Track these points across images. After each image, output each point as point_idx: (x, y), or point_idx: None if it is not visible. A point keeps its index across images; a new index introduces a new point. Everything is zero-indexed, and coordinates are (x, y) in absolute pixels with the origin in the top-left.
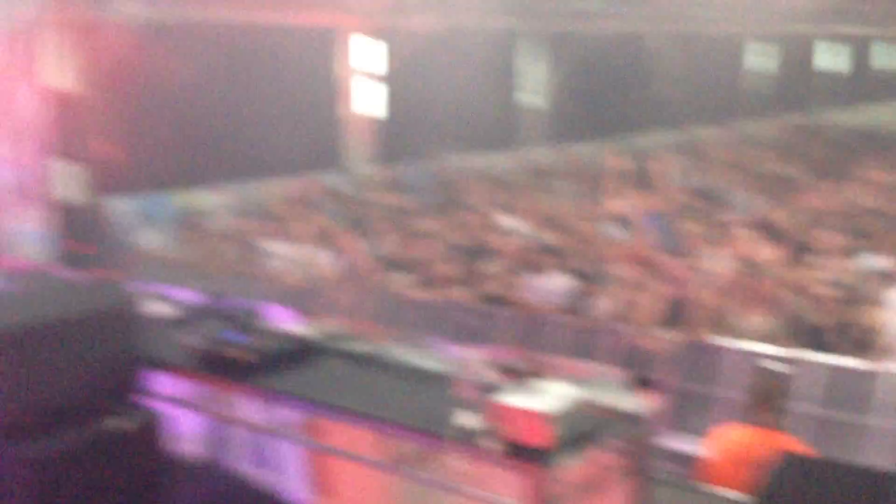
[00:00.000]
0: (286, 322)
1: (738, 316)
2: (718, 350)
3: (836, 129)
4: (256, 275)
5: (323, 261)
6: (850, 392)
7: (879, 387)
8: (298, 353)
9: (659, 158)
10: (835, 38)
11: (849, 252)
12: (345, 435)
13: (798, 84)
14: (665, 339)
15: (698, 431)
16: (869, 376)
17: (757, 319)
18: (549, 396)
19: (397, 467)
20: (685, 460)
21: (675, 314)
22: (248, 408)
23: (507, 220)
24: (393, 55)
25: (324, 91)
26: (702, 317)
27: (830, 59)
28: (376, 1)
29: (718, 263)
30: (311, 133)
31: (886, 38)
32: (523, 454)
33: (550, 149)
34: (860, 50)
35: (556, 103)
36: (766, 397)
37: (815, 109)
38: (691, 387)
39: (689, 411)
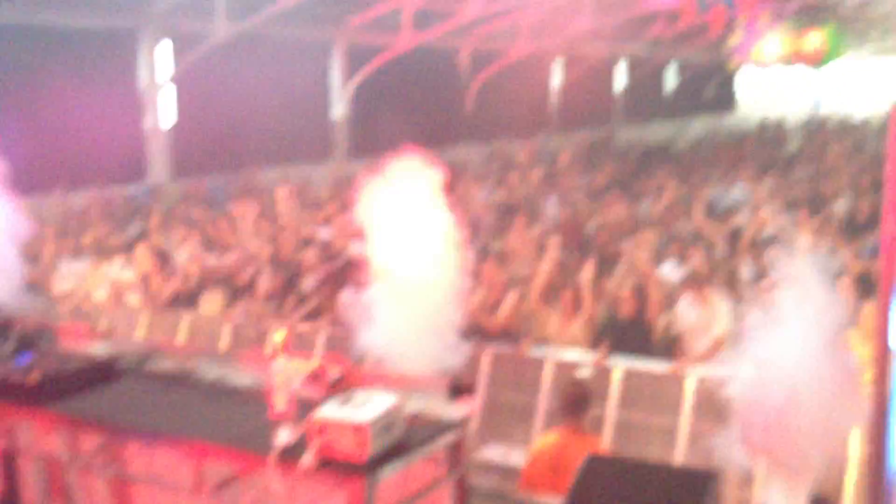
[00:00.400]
0: (82, 342)
1: (551, 323)
2: (535, 359)
3: (629, 145)
4: (50, 292)
5: (123, 276)
6: (650, 394)
7: (670, 388)
8: (96, 375)
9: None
10: (634, 58)
11: (652, 259)
12: (152, 459)
13: (599, 102)
14: (465, 348)
15: (524, 442)
16: (664, 379)
17: (570, 326)
18: (365, 408)
19: (211, 491)
20: (510, 471)
21: (494, 322)
22: (42, 435)
23: (322, 232)
24: (201, 65)
25: (129, 101)
26: (519, 324)
27: (625, 79)
28: (180, 4)
29: (531, 271)
30: (116, 144)
31: (679, 60)
32: (340, 467)
33: (361, 161)
34: (657, 71)
35: (368, 117)
36: (574, 403)
37: (616, 126)
38: (514, 397)
39: (512, 422)
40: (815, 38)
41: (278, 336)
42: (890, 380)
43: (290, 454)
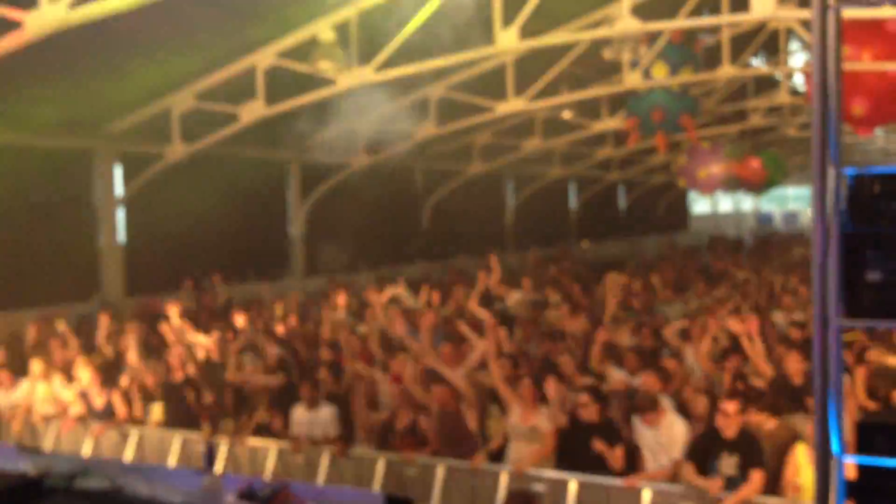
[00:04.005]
0: (6, 458)
1: (513, 414)
2: (490, 472)
3: (581, 259)
4: None
5: (64, 396)
6: None
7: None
8: (22, 494)
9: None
10: (585, 178)
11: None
12: None
13: (554, 221)
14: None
15: None
16: (620, 492)
17: (533, 416)
18: None
19: None
20: None
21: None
22: None
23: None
24: (156, 183)
25: (82, 218)
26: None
27: (576, 199)
28: (136, 125)
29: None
30: (69, 262)
31: (631, 181)
32: None
33: (318, 278)
34: (610, 191)
35: (325, 234)
36: None
37: (571, 243)
38: None
39: None
40: (755, 164)
41: (203, 449)
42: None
43: None
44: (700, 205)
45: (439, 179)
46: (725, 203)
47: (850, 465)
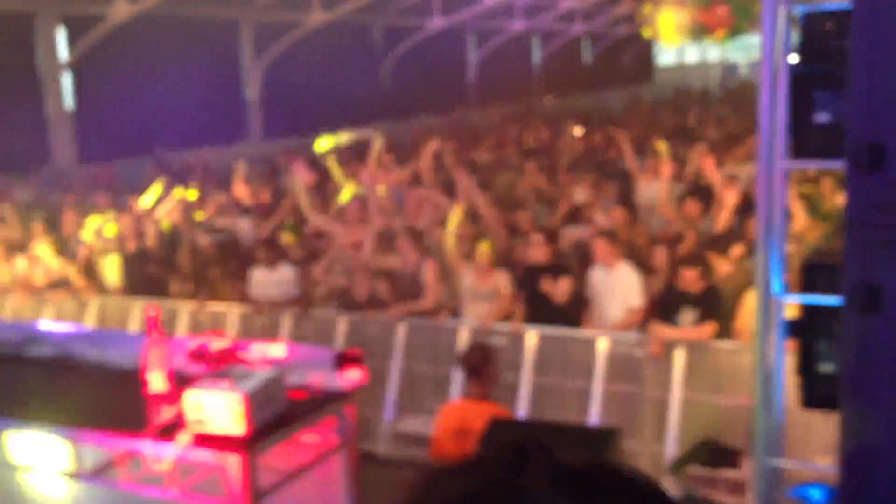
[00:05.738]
0: None
1: (468, 278)
2: (450, 328)
3: (544, 113)
4: None
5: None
6: (558, 358)
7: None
8: None
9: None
10: (548, 32)
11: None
12: (28, 446)
13: (517, 76)
14: (392, 315)
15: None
16: (578, 343)
17: (489, 280)
18: (243, 381)
19: (90, 475)
20: (427, 441)
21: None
22: None
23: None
24: (103, 48)
25: (27, 85)
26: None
27: (540, 52)
28: None
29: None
30: (16, 131)
31: (595, 33)
32: (220, 443)
33: (277, 142)
34: (573, 44)
35: (282, 97)
36: (474, 368)
37: (534, 99)
38: (430, 368)
39: (430, 393)
40: (722, 11)
41: (151, 313)
42: (775, 325)
43: (168, 432)
44: (666, 56)
45: (399, 36)
46: (691, 53)
47: (793, 304)
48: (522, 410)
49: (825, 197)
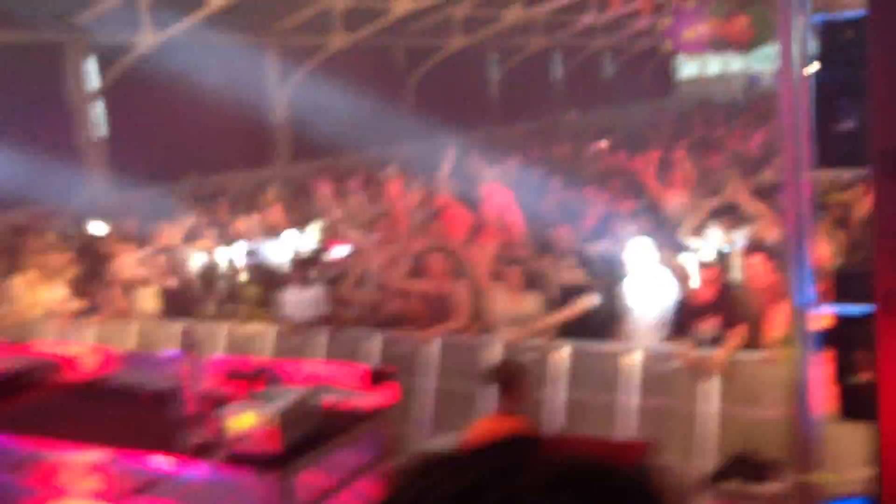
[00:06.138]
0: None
1: (500, 300)
2: (478, 345)
3: (568, 130)
4: None
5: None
6: (594, 373)
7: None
8: (6, 387)
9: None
10: (568, 47)
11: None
12: (66, 468)
13: (538, 93)
14: (426, 337)
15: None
16: (608, 357)
17: (520, 302)
18: (275, 401)
19: (130, 494)
20: None
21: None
22: None
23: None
24: (131, 76)
25: (58, 116)
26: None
27: (560, 69)
28: (104, 15)
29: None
30: (48, 159)
31: (615, 48)
32: (255, 463)
33: (306, 164)
34: (594, 60)
35: (309, 119)
36: (503, 383)
37: (556, 115)
38: (464, 385)
39: (464, 411)
40: (742, 22)
41: (186, 336)
42: (805, 336)
43: (204, 452)
44: (687, 68)
45: (421, 56)
46: (713, 65)
47: (826, 314)
48: (556, 425)
49: (851, 205)
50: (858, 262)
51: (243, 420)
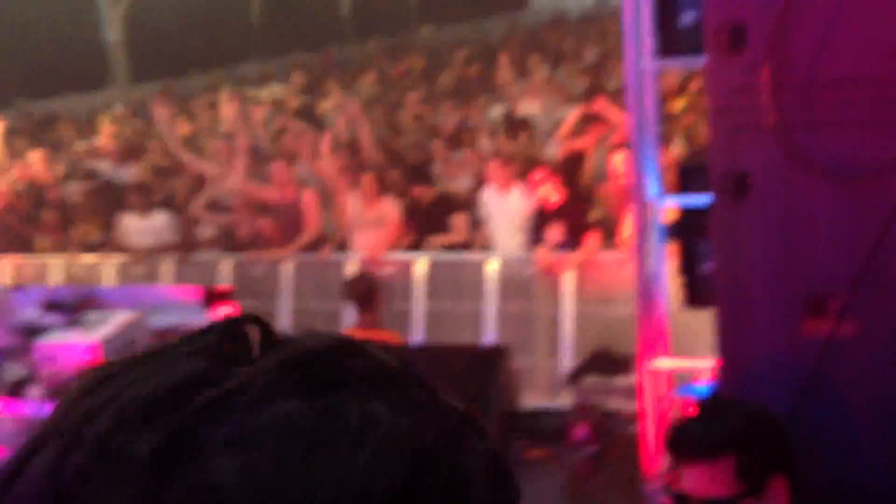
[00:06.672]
0: None
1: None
2: (338, 262)
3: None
4: None
5: None
6: (454, 282)
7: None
8: None
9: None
10: None
11: None
12: None
13: (393, 6)
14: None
15: None
16: (467, 266)
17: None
18: (98, 327)
19: None
20: None
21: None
22: None
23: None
24: None
25: None
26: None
27: None
28: None
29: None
30: None
31: None
32: None
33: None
34: None
35: (148, 37)
36: (361, 298)
37: (413, 28)
38: (316, 304)
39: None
40: None
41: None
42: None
43: (20, 388)
44: None
45: None
46: None
47: (671, 207)
48: (417, 336)
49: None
50: (700, 153)
51: (60, 351)
